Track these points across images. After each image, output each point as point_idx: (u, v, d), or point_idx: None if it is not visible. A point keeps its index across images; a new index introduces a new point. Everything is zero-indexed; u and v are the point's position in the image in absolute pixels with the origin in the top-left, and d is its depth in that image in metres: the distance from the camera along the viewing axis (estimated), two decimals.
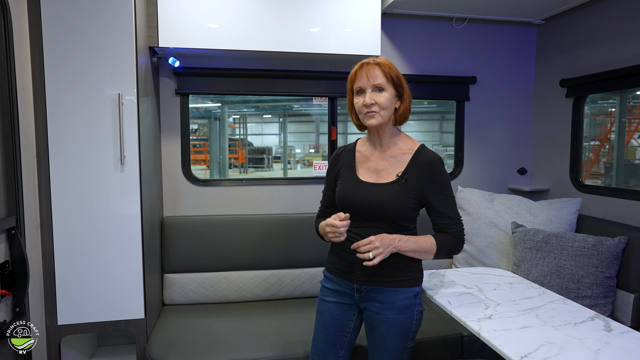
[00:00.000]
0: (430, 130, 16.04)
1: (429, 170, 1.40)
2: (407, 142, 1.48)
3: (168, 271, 2.35)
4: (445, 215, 1.42)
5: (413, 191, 1.39)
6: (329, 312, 1.53)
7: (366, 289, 1.45)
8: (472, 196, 2.58)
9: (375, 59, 1.42)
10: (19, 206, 1.58)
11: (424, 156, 1.42)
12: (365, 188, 1.43)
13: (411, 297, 1.43)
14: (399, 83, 1.41)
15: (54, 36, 1.75)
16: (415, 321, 1.45)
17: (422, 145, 1.46)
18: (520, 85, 2.89)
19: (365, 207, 1.41)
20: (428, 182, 1.40)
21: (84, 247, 1.85)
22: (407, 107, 1.45)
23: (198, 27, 2.15)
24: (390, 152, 1.46)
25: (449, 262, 2.64)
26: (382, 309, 1.43)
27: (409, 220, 1.43)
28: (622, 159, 4.54)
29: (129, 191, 1.87)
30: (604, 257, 2.05)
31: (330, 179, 1.58)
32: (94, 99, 1.81)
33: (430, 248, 1.40)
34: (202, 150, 8.97)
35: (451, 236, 1.42)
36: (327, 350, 1.54)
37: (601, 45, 2.41)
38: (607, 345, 1.25)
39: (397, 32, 2.68)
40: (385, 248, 1.33)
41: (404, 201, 1.39)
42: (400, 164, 1.43)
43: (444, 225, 1.43)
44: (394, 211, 1.39)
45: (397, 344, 1.43)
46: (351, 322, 1.52)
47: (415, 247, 1.38)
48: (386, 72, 1.39)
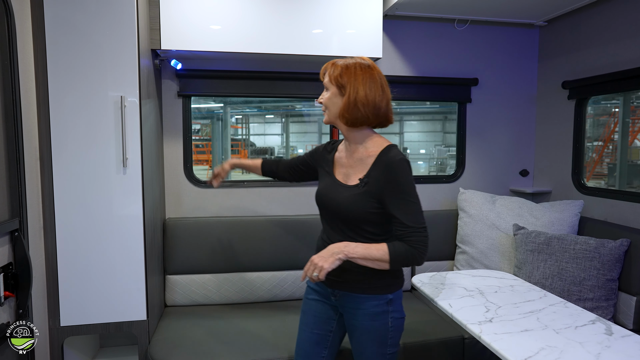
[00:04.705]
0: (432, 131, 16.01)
1: (388, 173, 1.32)
2: (376, 143, 1.40)
3: (170, 272, 2.36)
4: (402, 222, 1.30)
5: (373, 195, 1.34)
6: (312, 310, 1.53)
7: (339, 294, 1.45)
8: (474, 198, 2.58)
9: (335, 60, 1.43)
10: (22, 208, 1.59)
11: (386, 158, 1.35)
12: (335, 189, 1.43)
13: (383, 305, 1.40)
14: (341, 82, 1.37)
15: (57, 38, 1.76)
16: (391, 328, 1.41)
17: (390, 146, 1.38)
18: (522, 87, 2.88)
19: (331, 209, 1.43)
20: (386, 186, 1.32)
21: (87, 249, 1.85)
22: (345, 107, 1.36)
23: (200, 30, 2.15)
24: (357, 155, 1.42)
25: (450, 265, 2.64)
26: (354, 315, 1.43)
27: (373, 226, 1.37)
28: (625, 160, 4.52)
29: (131, 193, 1.88)
30: (605, 259, 2.05)
31: (312, 153, 1.62)
32: (96, 101, 1.82)
33: (382, 256, 1.30)
34: (205, 151, 8.98)
35: (408, 245, 1.30)
36: (311, 349, 1.53)
37: (603, 47, 2.41)
38: (608, 349, 1.25)
39: (399, 33, 2.68)
40: (327, 258, 1.29)
41: (362, 205, 1.35)
42: (365, 166, 1.39)
43: (401, 233, 1.31)
44: (352, 215, 1.37)
45: (375, 349, 1.42)
46: (333, 321, 1.52)
47: (365, 254, 1.31)
48: (330, 72, 1.40)
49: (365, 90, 1.35)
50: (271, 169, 1.79)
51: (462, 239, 2.54)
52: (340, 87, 1.38)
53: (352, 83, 1.36)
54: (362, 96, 1.35)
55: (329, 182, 1.47)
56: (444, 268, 2.63)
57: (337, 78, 1.38)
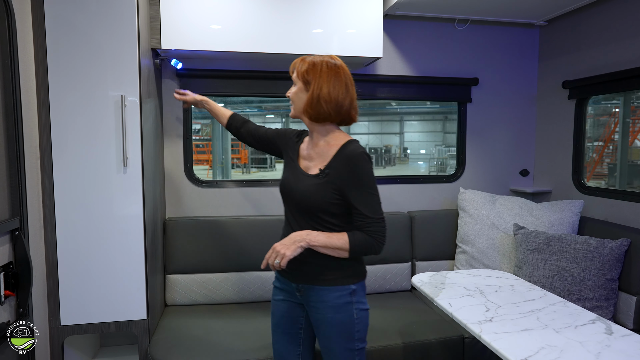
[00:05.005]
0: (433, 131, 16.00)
1: (349, 165, 1.37)
2: (338, 138, 1.45)
3: (170, 272, 2.36)
4: (361, 213, 1.36)
5: (333, 186, 1.38)
6: (280, 311, 1.55)
7: (303, 288, 1.46)
8: (474, 198, 2.58)
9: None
10: (22, 207, 1.59)
11: (347, 151, 1.39)
12: (297, 178, 1.46)
13: (346, 296, 1.42)
14: (306, 78, 1.42)
15: (57, 38, 1.76)
16: (356, 320, 1.43)
17: (351, 141, 1.42)
18: (522, 87, 2.88)
19: (293, 198, 1.45)
20: (347, 177, 1.36)
21: (87, 248, 1.86)
22: (308, 102, 1.41)
23: (200, 29, 2.15)
24: (319, 148, 1.46)
25: (450, 264, 2.64)
26: (319, 308, 1.44)
27: (333, 216, 1.41)
28: (625, 160, 4.53)
29: (131, 192, 1.88)
30: (606, 259, 2.05)
31: (281, 135, 1.65)
32: (97, 100, 1.82)
33: (343, 245, 1.36)
34: (205, 150, 8.99)
35: (367, 235, 1.36)
36: (285, 349, 1.55)
37: (604, 47, 2.41)
38: (608, 348, 1.25)
39: (399, 33, 2.68)
40: (289, 246, 1.34)
41: (323, 195, 1.38)
42: (326, 158, 1.43)
43: (360, 223, 1.37)
44: (313, 204, 1.40)
45: (342, 344, 1.43)
46: (302, 318, 1.53)
47: (326, 243, 1.36)
48: (297, 68, 1.45)
49: (329, 88, 1.40)
50: (236, 127, 1.81)
51: (463, 239, 2.54)
52: (305, 83, 1.43)
53: (317, 80, 1.40)
54: (325, 93, 1.39)
55: (292, 171, 1.50)
56: (444, 268, 2.63)
57: (303, 74, 1.43)
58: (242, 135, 1.80)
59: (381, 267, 2.54)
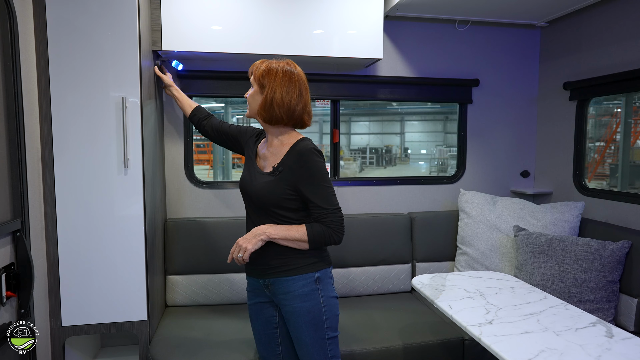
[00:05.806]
0: (434, 131, 15.99)
1: (300, 161, 1.43)
2: (291, 137, 1.51)
3: (171, 273, 2.36)
4: (317, 205, 1.43)
5: (287, 182, 1.44)
6: (255, 314, 1.61)
7: (270, 283, 1.50)
8: (475, 199, 2.58)
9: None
10: (24, 209, 1.59)
11: (298, 148, 1.45)
12: (254, 176, 1.52)
13: (311, 284, 1.46)
14: (262, 82, 1.48)
15: (58, 40, 1.77)
16: (324, 307, 1.47)
17: (303, 139, 1.49)
18: (523, 88, 2.88)
19: (251, 195, 1.51)
20: (299, 173, 1.43)
21: (88, 249, 1.86)
22: (262, 105, 1.47)
23: (201, 31, 2.16)
24: (272, 147, 1.53)
25: (450, 266, 2.64)
26: (287, 299, 1.48)
27: (288, 211, 1.46)
28: (627, 161, 4.51)
29: (132, 193, 1.89)
30: (606, 261, 2.05)
31: (243, 132, 1.72)
32: (98, 101, 1.82)
33: (302, 236, 1.43)
34: (206, 150, 8.99)
35: (325, 226, 1.44)
36: (265, 351, 1.62)
37: (605, 48, 2.40)
38: (608, 351, 1.25)
39: (400, 34, 2.68)
40: (251, 239, 1.43)
41: (277, 191, 1.44)
42: (279, 156, 1.49)
43: (317, 215, 1.44)
44: (268, 200, 1.46)
45: (312, 334, 1.46)
46: (275, 318, 1.58)
47: (285, 235, 1.43)
48: (255, 71, 1.50)
49: (282, 92, 1.46)
50: (199, 118, 1.90)
51: (463, 240, 2.54)
52: (261, 86, 1.49)
53: (271, 84, 1.46)
54: (278, 98, 1.45)
55: (250, 169, 1.56)
56: (444, 269, 2.63)
57: (259, 78, 1.49)
58: (204, 128, 1.87)
59: (381, 268, 2.54)
